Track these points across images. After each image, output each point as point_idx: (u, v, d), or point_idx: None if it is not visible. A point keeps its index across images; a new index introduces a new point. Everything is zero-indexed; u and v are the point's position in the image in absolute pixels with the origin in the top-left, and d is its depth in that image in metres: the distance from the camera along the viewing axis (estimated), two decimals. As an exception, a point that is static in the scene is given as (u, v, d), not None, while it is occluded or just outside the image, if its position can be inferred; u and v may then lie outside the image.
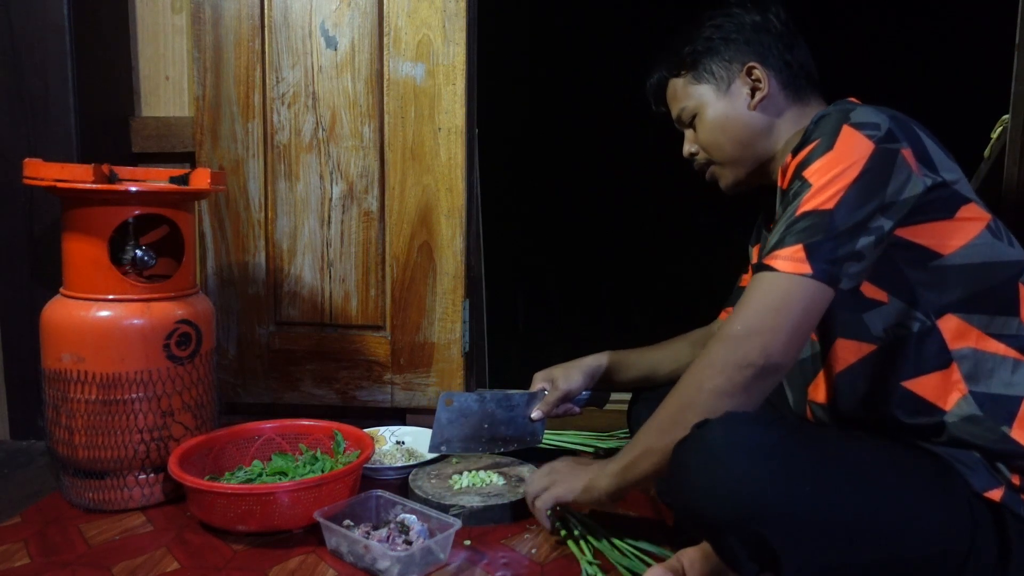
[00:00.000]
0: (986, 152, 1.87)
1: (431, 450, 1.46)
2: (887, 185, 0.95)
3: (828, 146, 0.98)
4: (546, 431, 1.52)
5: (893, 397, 1.01)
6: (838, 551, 0.90)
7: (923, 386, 1.00)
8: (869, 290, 1.02)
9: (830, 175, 0.96)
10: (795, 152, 1.03)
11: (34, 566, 1.17)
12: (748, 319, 0.97)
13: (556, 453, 1.49)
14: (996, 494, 0.95)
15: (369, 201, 1.80)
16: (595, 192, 4.52)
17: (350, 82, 1.77)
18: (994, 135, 1.84)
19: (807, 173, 0.99)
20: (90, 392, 1.32)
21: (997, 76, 1.73)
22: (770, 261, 0.98)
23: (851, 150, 0.96)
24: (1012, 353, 0.98)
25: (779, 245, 0.98)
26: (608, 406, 1.70)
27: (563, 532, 1.26)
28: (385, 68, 1.76)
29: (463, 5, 1.73)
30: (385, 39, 1.76)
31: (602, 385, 1.49)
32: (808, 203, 0.97)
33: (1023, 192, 1.65)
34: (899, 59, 3.69)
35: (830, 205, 0.95)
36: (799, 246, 0.96)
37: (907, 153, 0.96)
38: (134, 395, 1.33)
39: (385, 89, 1.77)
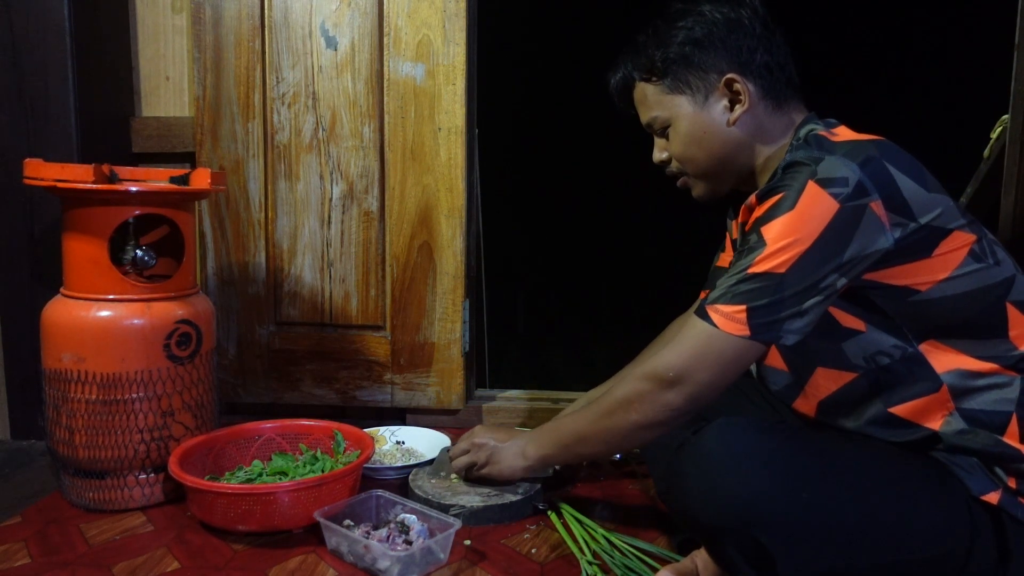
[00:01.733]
0: (986, 152, 1.87)
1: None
2: (847, 247, 0.93)
3: (791, 204, 0.94)
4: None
5: (879, 421, 1.01)
6: (835, 555, 0.90)
7: (910, 410, 0.99)
8: (846, 320, 1.00)
9: (787, 239, 0.93)
10: (760, 198, 0.99)
11: (34, 566, 1.17)
12: (678, 366, 0.99)
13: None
14: (993, 497, 0.94)
15: (369, 201, 1.80)
16: (595, 192, 4.52)
17: (350, 82, 1.77)
18: (994, 135, 1.83)
19: (765, 230, 0.95)
20: (90, 392, 1.32)
21: (997, 76, 1.72)
22: (712, 312, 0.97)
23: (813, 211, 0.93)
24: (1001, 371, 0.96)
25: (724, 299, 0.97)
26: None
27: (558, 523, 1.28)
28: (385, 68, 1.76)
29: (463, 5, 1.73)
30: (385, 39, 1.76)
31: None
32: (761, 263, 0.95)
33: (1022, 192, 1.65)
34: (899, 58, 3.69)
35: (782, 269, 0.93)
36: (743, 307, 0.95)
37: (876, 206, 0.93)
38: (134, 395, 1.33)
39: (385, 89, 1.77)
